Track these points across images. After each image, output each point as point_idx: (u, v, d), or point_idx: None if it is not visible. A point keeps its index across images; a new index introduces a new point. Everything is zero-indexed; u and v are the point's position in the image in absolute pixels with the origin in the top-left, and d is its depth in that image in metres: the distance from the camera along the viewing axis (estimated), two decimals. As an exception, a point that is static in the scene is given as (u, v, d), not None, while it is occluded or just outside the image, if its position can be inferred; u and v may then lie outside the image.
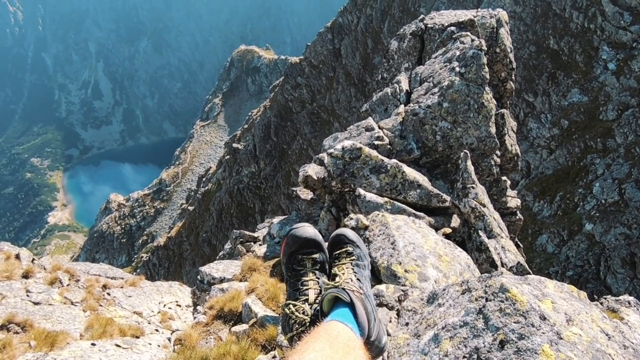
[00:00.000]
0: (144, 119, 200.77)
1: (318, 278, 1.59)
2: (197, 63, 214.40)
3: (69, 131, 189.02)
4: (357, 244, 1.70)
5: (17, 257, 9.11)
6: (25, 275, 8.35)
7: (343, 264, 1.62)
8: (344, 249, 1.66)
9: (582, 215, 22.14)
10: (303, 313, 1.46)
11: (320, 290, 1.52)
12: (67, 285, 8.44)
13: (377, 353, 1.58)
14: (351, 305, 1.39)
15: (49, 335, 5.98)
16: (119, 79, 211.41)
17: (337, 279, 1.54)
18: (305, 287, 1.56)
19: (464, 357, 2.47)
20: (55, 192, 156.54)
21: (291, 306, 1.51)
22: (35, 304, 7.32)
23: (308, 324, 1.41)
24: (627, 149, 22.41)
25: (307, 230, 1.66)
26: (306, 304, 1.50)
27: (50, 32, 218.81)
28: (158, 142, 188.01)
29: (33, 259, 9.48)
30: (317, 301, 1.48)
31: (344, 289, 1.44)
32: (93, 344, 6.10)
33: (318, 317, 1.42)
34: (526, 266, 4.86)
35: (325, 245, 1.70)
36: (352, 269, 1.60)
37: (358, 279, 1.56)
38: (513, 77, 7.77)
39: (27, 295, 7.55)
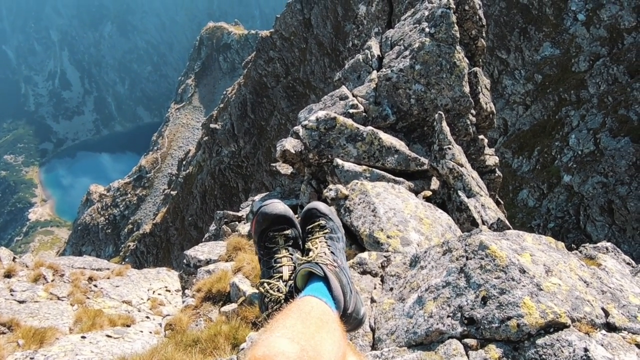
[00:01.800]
0: (116, 106, 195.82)
1: (291, 254, 1.55)
2: (165, 44, 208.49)
3: (40, 124, 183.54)
4: (330, 217, 1.65)
5: (-3, 257, 8.91)
6: (8, 275, 8.19)
7: (316, 238, 1.58)
8: (316, 223, 1.62)
9: (560, 168, 22.59)
10: (278, 290, 1.43)
11: (295, 267, 1.49)
12: (52, 280, 8.31)
13: (355, 325, 1.56)
14: (325, 279, 1.36)
15: (37, 332, 5.90)
16: (87, 67, 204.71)
17: (311, 253, 1.51)
18: (278, 265, 1.52)
19: (448, 316, 2.49)
20: (33, 188, 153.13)
21: (265, 284, 1.47)
22: (20, 302, 7.20)
23: (283, 301, 1.38)
24: (600, 99, 22.74)
25: (276, 206, 1.61)
26: (280, 281, 1.46)
27: (9, 22, 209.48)
28: (133, 128, 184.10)
29: (14, 258, 9.29)
30: (292, 278, 1.44)
31: (317, 263, 1.41)
32: (83, 337, 6.05)
33: (293, 293, 1.39)
34: (506, 222, 4.93)
35: (298, 220, 1.65)
36: (326, 242, 1.56)
37: (332, 252, 1.52)
38: (484, 35, 7.70)
39: (11, 295, 7.41)
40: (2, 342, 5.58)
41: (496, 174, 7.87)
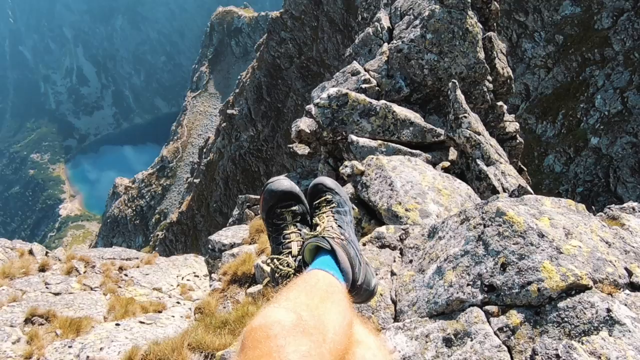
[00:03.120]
0: (134, 98, 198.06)
1: (300, 230, 1.56)
2: (177, 33, 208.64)
3: (62, 122, 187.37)
4: (336, 191, 1.65)
5: (31, 252, 9.25)
6: (42, 269, 8.50)
7: (323, 212, 1.58)
8: (323, 198, 1.62)
9: (586, 130, 21.96)
10: (287, 266, 1.44)
11: (303, 242, 1.49)
12: (84, 272, 8.59)
13: (367, 296, 1.57)
14: (332, 253, 1.36)
15: (73, 322, 6.13)
16: (102, 62, 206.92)
17: (318, 228, 1.51)
18: (287, 240, 1.53)
19: (467, 284, 2.48)
20: (61, 185, 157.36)
21: (275, 260, 1.48)
22: (56, 294, 7.48)
23: (292, 276, 1.39)
24: (626, 56, 21.86)
25: (282, 183, 1.61)
26: (289, 256, 1.48)
27: (23, 23, 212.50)
28: (152, 119, 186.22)
29: (47, 252, 9.63)
30: (300, 253, 1.45)
31: (324, 237, 1.41)
32: (117, 324, 6.26)
33: (302, 268, 1.40)
34: (528, 188, 4.83)
35: (304, 196, 1.65)
36: (333, 216, 1.56)
37: (339, 226, 1.52)
38: (497, -3, 7.45)
39: (47, 288, 7.70)
40: (41, 333, 5.83)
41: (517, 141, 7.70)
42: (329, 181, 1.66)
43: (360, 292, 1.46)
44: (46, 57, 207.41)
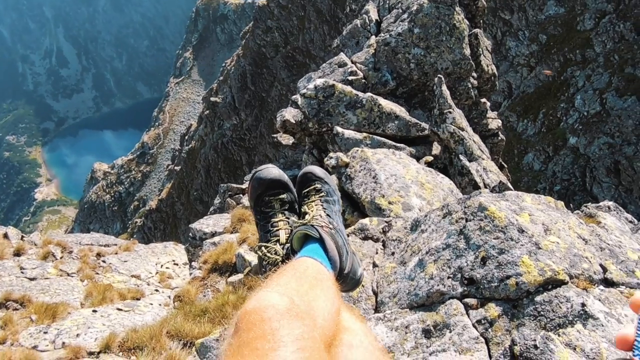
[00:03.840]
0: (115, 82, 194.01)
1: (288, 218, 1.56)
2: (161, 17, 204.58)
3: (40, 104, 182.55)
4: (326, 180, 1.66)
5: (6, 236, 9.03)
6: (17, 253, 8.32)
7: (312, 201, 1.58)
8: (312, 187, 1.63)
9: (565, 130, 22.39)
10: (275, 253, 1.45)
11: (291, 230, 1.50)
12: (61, 257, 8.44)
13: (353, 284, 1.59)
14: (321, 241, 1.37)
15: (49, 307, 6.03)
16: (82, 43, 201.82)
17: (307, 216, 1.52)
18: (275, 228, 1.53)
19: (448, 277, 2.52)
20: (37, 168, 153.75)
21: (263, 248, 1.49)
22: (31, 279, 7.34)
23: (280, 263, 1.40)
24: (606, 58, 22.31)
25: (271, 171, 1.61)
26: (277, 244, 1.48)
27: (1, 1, 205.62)
28: (134, 104, 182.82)
29: (22, 237, 9.42)
30: (289, 241, 1.46)
31: (312, 225, 1.42)
32: (94, 311, 6.19)
33: (290, 256, 1.41)
34: (508, 184, 4.92)
35: (292, 185, 1.66)
36: (322, 205, 1.57)
37: (328, 215, 1.53)
38: (485, -6, 7.50)
39: (22, 272, 7.55)
40: (16, 318, 5.72)
41: (499, 138, 7.81)
42: (318, 170, 1.67)
43: (346, 280, 1.48)
44: (25, 36, 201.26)
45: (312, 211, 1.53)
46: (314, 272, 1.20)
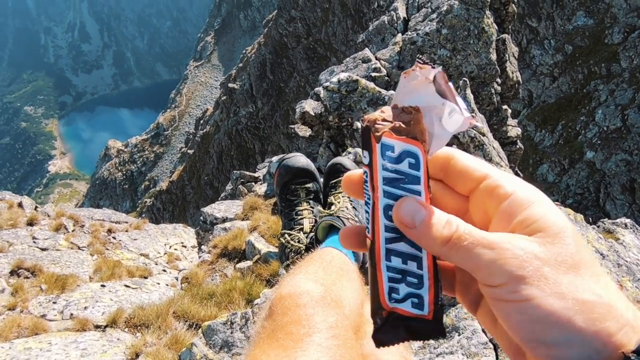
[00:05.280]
0: (135, 61, 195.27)
1: (312, 207, 1.56)
2: None
3: (60, 77, 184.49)
4: None
5: (20, 205, 9.18)
6: (30, 223, 8.45)
7: (339, 192, 1.59)
8: (340, 178, 1.63)
9: (583, 143, 22.08)
10: (298, 241, 1.45)
11: (315, 220, 1.50)
12: (73, 230, 8.56)
13: None
14: None
15: (59, 278, 6.12)
16: (106, 20, 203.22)
17: (333, 207, 1.52)
18: (299, 217, 1.54)
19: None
20: (52, 141, 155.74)
21: (287, 235, 1.50)
22: (43, 249, 7.46)
23: (303, 252, 1.40)
24: (632, 74, 21.91)
25: (299, 160, 1.62)
26: (301, 232, 1.49)
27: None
28: (152, 85, 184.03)
29: (36, 207, 9.57)
30: (312, 230, 1.46)
31: (338, 216, 1.42)
32: (103, 285, 6.28)
33: (313, 245, 1.41)
34: (525, 194, 4.87)
35: (318, 174, 1.66)
36: (348, 197, 1.57)
37: (354, 207, 1.53)
38: (515, 0, 7.40)
39: (34, 242, 7.68)
40: (26, 286, 5.83)
41: (517, 146, 7.73)
42: (347, 162, 1.66)
43: (367, 274, 1.48)
44: (49, 8, 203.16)
45: (338, 202, 1.53)
46: (339, 262, 1.21)
